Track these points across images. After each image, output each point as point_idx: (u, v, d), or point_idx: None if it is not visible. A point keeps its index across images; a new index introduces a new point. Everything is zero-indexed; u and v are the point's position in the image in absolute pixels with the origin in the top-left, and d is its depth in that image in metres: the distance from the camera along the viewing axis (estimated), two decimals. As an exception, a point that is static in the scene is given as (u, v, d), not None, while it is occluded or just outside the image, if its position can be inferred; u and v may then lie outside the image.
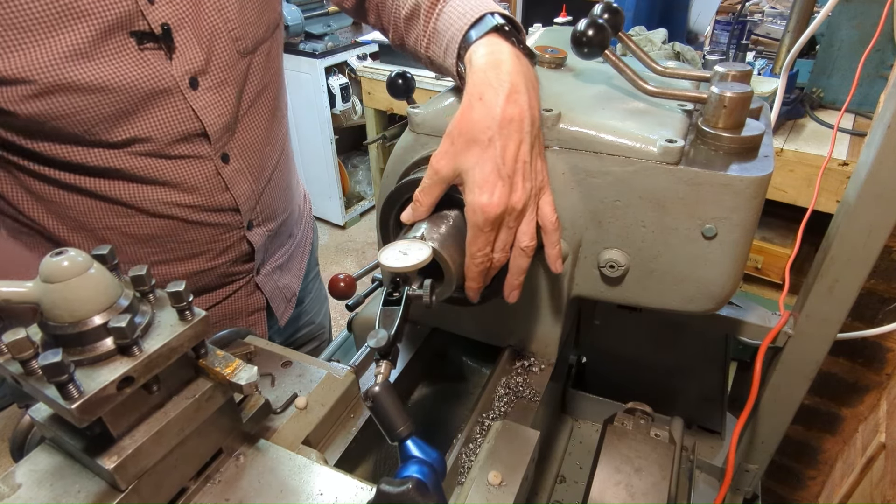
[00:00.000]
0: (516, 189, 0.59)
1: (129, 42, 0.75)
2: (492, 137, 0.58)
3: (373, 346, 0.55)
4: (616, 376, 1.13)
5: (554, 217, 0.63)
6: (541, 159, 0.63)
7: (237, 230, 0.98)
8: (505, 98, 0.59)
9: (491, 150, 0.58)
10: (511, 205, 0.59)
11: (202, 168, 0.88)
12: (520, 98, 0.60)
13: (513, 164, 0.59)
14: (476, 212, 0.59)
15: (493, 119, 0.59)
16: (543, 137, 0.66)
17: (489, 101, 0.60)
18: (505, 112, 0.59)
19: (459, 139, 0.60)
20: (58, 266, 0.44)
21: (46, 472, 0.52)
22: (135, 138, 0.80)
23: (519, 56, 0.65)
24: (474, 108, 0.60)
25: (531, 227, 0.62)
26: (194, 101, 0.83)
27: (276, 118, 1.00)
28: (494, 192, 0.58)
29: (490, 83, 0.61)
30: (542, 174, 0.63)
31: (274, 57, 0.96)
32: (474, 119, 0.59)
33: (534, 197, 0.61)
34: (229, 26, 0.84)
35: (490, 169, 0.58)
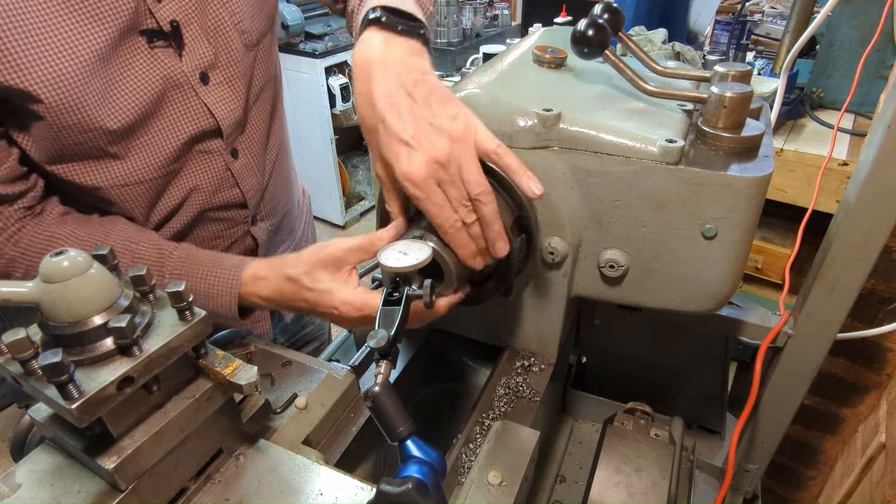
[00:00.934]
0: (427, 144, 0.59)
1: (140, 41, 0.75)
2: (381, 117, 0.61)
3: (373, 346, 0.55)
4: (616, 376, 1.13)
5: (494, 144, 0.62)
6: (450, 106, 0.62)
7: (242, 225, 0.99)
8: (374, 81, 0.62)
9: (384, 126, 0.61)
10: (430, 159, 0.59)
11: (213, 164, 0.89)
12: (383, 73, 0.62)
13: (412, 126, 0.60)
14: (405, 185, 0.60)
15: (370, 102, 0.62)
16: (540, 135, 0.66)
17: (363, 90, 0.63)
18: (378, 91, 0.62)
19: (368, 138, 0.65)
20: (58, 266, 0.44)
21: (46, 472, 0.52)
22: (150, 141, 0.80)
23: (388, 40, 0.66)
24: (359, 105, 0.65)
25: (473, 174, 0.60)
26: (206, 97, 0.83)
27: (276, 112, 1.01)
28: (404, 158, 0.59)
29: (359, 76, 0.64)
30: (461, 119, 0.61)
31: (273, 50, 0.97)
32: (362, 113, 0.64)
33: (458, 142, 0.60)
34: (235, 19, 0.84)
35: (392, 141, 0.60)
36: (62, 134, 0.73)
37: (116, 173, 0.80)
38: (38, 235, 0.76)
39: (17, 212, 0.75)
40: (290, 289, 0.71)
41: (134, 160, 0.80)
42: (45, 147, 0.74)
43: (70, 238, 0.77)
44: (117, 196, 0.82)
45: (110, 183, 0.80)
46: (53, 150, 0.75)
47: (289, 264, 0.71)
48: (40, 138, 0.73)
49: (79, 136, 0.74)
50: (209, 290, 0.75)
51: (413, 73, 0.63)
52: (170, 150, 0.82)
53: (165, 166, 0.83)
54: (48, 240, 0.76)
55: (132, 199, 0.83)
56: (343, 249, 0.68)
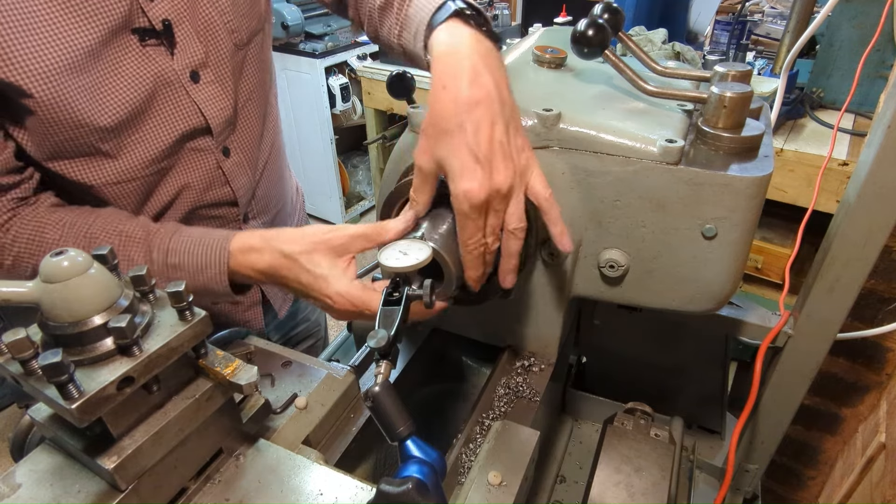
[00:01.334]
0: (497, 171, 0.58)
1: (132, 39, 0.76)
2: (461, 123, 0.58)
3: (373, 346, 0.55)
4: (616, 376, 1.13)
5: (547, 193, 0.62)
6: (520, 138, 0.62)
7: (234, 223, 0.99)
8: (468, 82, 0.59)
9: (462, 135, 0.58)
10: (494, 188, 0.58)
11: (204, 162, 0.89)
12: (482, 79, 0.60)
13: (488, 146, 0.58)
14: (460, 199, 0.58)
15: (459, 104, 0.58)
16: (540, 135, 0.66)
17: (452, 87, 0.59)
18: (470, 96, 0.58)
19: (432, 131, 0.60)
20: (58, 266, 0.44)
21: (46, 472, 0.52)
22: (142, 139, 0.80)
23: (480, 39, 0.64)
24: (439, 97, 0.60)
25: (519, 209, 0.61)
26: (196, 95, 0.83)
27: (269, 110, 1.01)
28: (475, 176, 0.58)
29: (450, 70, 0.61)
30: (525, 152, 0.62)
31: (266, 49, 0.97)
32: (441, 108, 0.59)
33: (519, 177, 0.60)
34: (224, 18, 0.84)
35: (466, 154, 0.58)
36: (53, 129, 0.73)
37: (108, 171, 0.80)
38: (28, 224, 0.76)
39: (10, 201, 0.76)
40: (285, 265, 0.68)
41: (125, 158, 0.80)
42: (38, 143, 0.75)
43: (58, 224, 0.77)
44: (109, 194, 0.82)
45: (103, 181, 0.80)
46: (47, 146, 0.75)
47: (287, 239, 0.69)
48: (34, 133, 0.74)
49: (69, 132, 0.74)
50: (198, 263, 0.73)
51: (504, 90, 0.61)
52: (161, 147, 0.82)
53: (156, 164, 0.83)
54: (38, 227, 0.76)
55: (124, 197, 0.84)
56: (347, 236, 0.66)
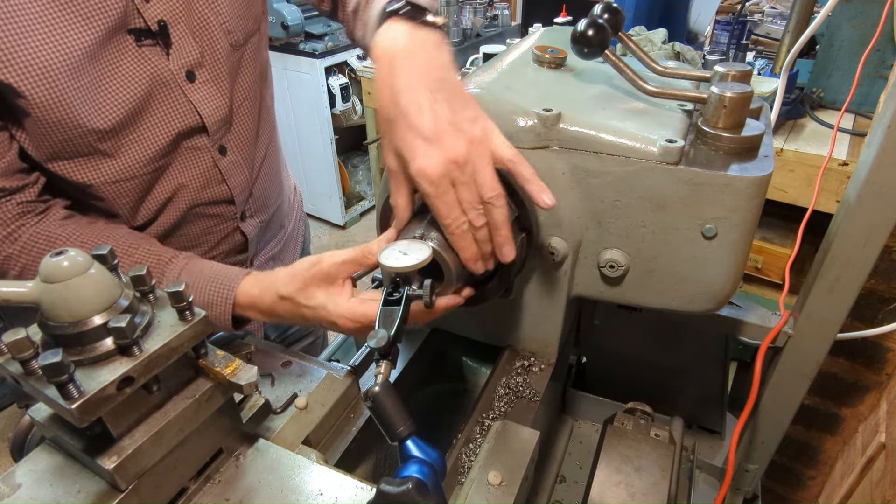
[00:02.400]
0: (448, 144, 0.59)
1: (128, 40, 0.76)
2: (401, 110, 0.60)
3: (373, 346, 0.55)
4: (616, 376, 1.13)
5: (510, 153, 0.62)
6: (469, 110, 0.62)
7: (231, 221, 1.00)
8: (400, 72, 0.61)
9: (404, 120, 0.60)
10: (449, 159, 0.59)
11: (201, 161, 0.90)
12: (414, 66, 0.62)
13: (433, 123, 0.59)
14: (418, 181, 0.59)
15: (392, 94, 0.61)
16: (540, 135, 0.66)
17: (387, 81, 0.62)
18: (402, 84, 0.61)
19: (383, 127, 0.63)
20: (58, 266, 0.44)
21: (46, 472, 0.52)
22: (139, 138, 0.81)
23: (413, 31, 0.66)
24: (380, 94, 0.63)
25: (488, 178, 0.60)
26: (192, 94, 0.84)
27: (265, 110, 1.02)
28: (425, 153, 0.59)
29: (384, 67, 0.63)
30: (479, 122, 0.62)
31: (262, 49, 0.97)
32: (382, 103, 0.63)
33: (476, 145, 0.60)
34: (221, 19, 0.85)
35: (411, 136, 0.60)
36: (51, 130, 0.73)
37: (106, 170, 0.80)
38: (37, 235, 0.76)
39: (16, 207, 0.76)
40: (286, 307, 0.71)
41: (123, 157, 0.80)
42: (38, 143, 0.75)
43: (69, 239, 0.77)
44: (108, 192, 0.82)
45: (101, 180, 0.81)
46: (45, 147, 0.75)
47: (282, 282, 0.70)
48: (32, 135, 0.74)
49: (66, 132, 0.74)
50: (206, 300, 0.75)
51: (436, 70, 0.63)
52: (158, 146, 0.83)
53: (154, 162, 0.84)
54: (47, 240, 0.76)
55: (122, 196, 0.84)
56: (335, 265, 0.68)
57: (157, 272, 0.78)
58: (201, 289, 0.76)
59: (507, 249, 0.64)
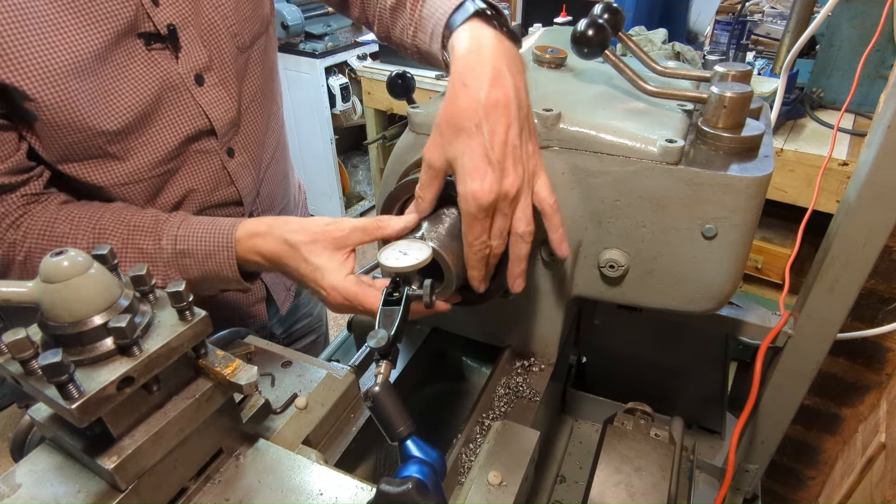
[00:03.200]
0: (507, 174, 0.58)
1: (137, 44, 0.76)
2: (479, 123, 0.57)
3: (373, 346, 0.55)
4: (616, 376, 1.13)
5: (552, 199, 0.62)
6: (532, 143, 0.62)
7: None
8: (489, 82, 0.59)
9: (479, 136, 0.57)
10: (504, 190, 0.58)
11: (210, 163, 0.90)
12: (504, 81, 0.59)
13: (502, 148, 0.58)
14: (468, 200, 0.58)
15: (478, 104, 0.58)
16: (540, 135, 0.66)
17: (473, 86, 0.59)
18: (490, 96, 0.58)
19: (447, 128, 0.59)
20: (58, 266, 0.44)
21: (46, 472, 0.52)
22: (148, 141, 0.81)
23: (502, 39, 0.64)
24: (459, 95, 0.59)
25: (527, 213, 0.61)
26: (200, 98, 0.84)
27: (273, 111, 1.02)
28: (486, 178, 0.57)
29: (472, 69, 0.60)
30: (535, 157, 0.62)
31: (269, 51, 0.98)
32: (459, 106, 0.59)
33: (528, 181, 0.60)
34: (227, 23, 0.85)
35: (479, 155, 0.57)
36: (60, 133, 0.73)
37: (116, 172, 0.81)
38: (38, 219, 0.77)
39: (20, 198, 0.76)
40: (288, 253, 0.69)
41: (133, 160, 0.81)
42: (47, 146, 0.75)
43: (67, 218, 0.77)
44: (118, 195, 0.83)
45: (111, 182, 0.81)
46: (55, 149, 0.76)
47: (291, 228, 0.69)
48: (42, 137, 0.74)
49: (75, 135, 0.74)
50: (207, 248, 0.74)
51: (522, 94, 0.61)
52: (167, 149, 0.83)
53: (163, 165, 0.84)
54: (48, 222, 0.77)
55: (132, 198, 0.84)
56: (347, 228, 0.67)
57: (156, 231, 0.77)
58: (202, 237, 0.75)
59: (520, 282, 0.65)
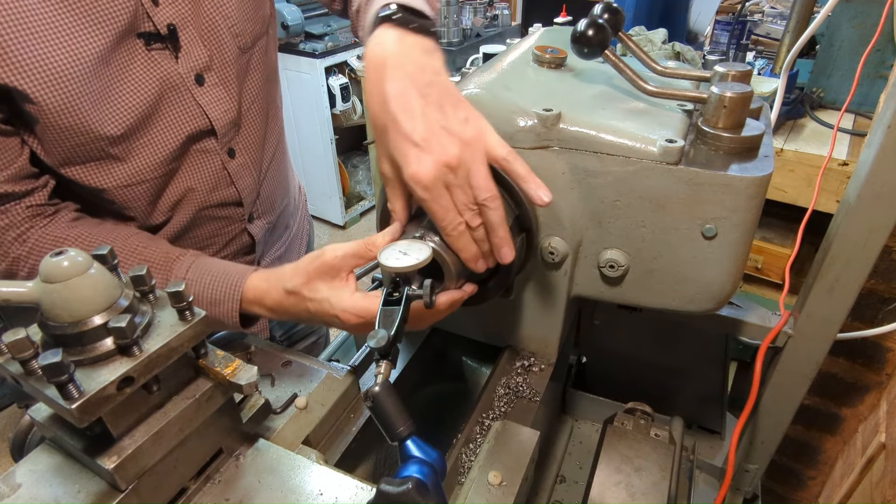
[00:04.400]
0: (439, 146, 0.59)
1: (137, 44, 0.76)
2: (392, 117, 0.60)
3: (373, 346, 0.55)
4: (616, 376, 1.13)
5: (504, 151, 0.62)
6: (461, 111, 0.62)
7: (239, 223, 1.00)
8: (388, 79, 0.61)
9: (396, 126, 0.60)
10: (440, 162, 0.58)
11: (210, 163, 0.90)
12: (401, 72, 0.62)
13: (424, 127, 0.59)
14: (412, 186, 0.60)
15: (382, 101, 0.61)
16: (540, 135, 0.66)
17: (375, 90, 0.62)
18: (390, 91, 0.61)
19: (376, 135, 0.63)
20: (58, 266, 0.44)
21: (46, 472, 0.52)
22: (149, 142, 0.81)
23: (403, 37, 0.65)
24: (370, 102, 0.63)
25: (483, 180, 0.60)
26: (201, 98, 0.84)
27: (273, 111, 1.02)
28: (417, 159, 0.59)
29: (373, 74, 0.63)
30: (472, 122, 0.61)
31: (270, 51, 0.98)
32: (373, 112, 0.63)
33: (468, 147, 0.60)
34: (229, 23, 0.85)
35: (403, 141, 0.60)
36: (62, 136, 0.73)
37: (118, 174, 0.81)
38: (45, 237, 0.76)
39: (25, 210, 0.76)
40: (291, 301, 0.71)
41: (134, 161, 0.81)
42: (49, 149, 0.75)
43: (77, 240, 0.77)
44: (120, 196, 0.83)
45: (112, 184, 0.81)
46: (57, 153, 0.75)
47: (287, 277, 0.71)
48: (44, 140, 0.74)
49: (77, 137, 0.74)
50: (214, 297, 0.75)
51: (426, 74, 0.62)
52: (168, 150, 0.83)
53: (164, 166, 0.84)
54: (55, 241, 0.76)
55: (134, 199, 0.84)
56: (338, 257, 0.68)
57: (165, 270, 0.78)
58: (209, 285, 0.76)
59: (505, 251, 0.64)
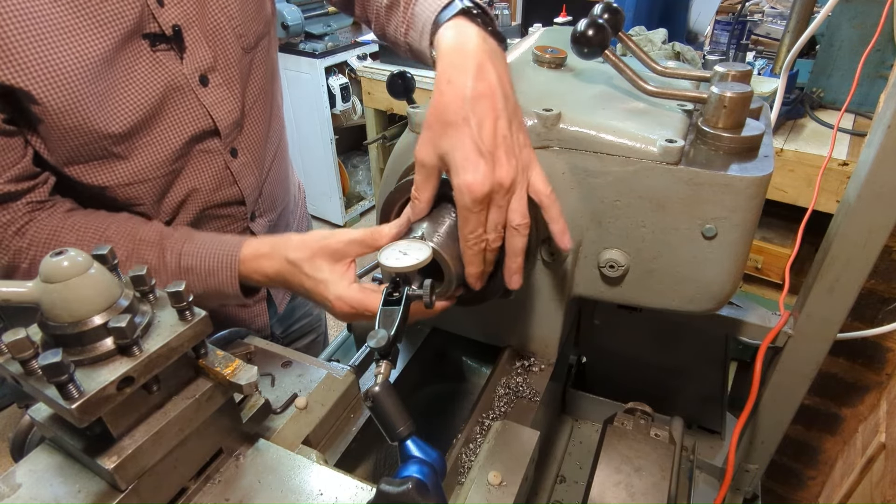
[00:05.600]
0: (500, 164, 0.58)
1: (142, 45, 0.77)
2: (466, 116, 0.58)
3: (373, 346, 0.55)
4: (616, 376, 1.13)
5: (548, 190, 0.62)
6: (522, 134, 0.62)
7: (241, 221, 1.00)
8: (473, 77, 0.59)
9: (467, 128, 0.58)
10: (497, 181, 0.58)
11: (213, 163, 0.90)
12: (488, 75, 0.60)
13: (492, 139, 0.58)
14: (462, 192, 0.58)
15: (464, 98, 0.59)
16: (540, 135, 0.66)
17: (457, 81, 0.60)
18: (475, 89, 0.59)
19: (436, 125, 0.60)
20: (58, 266, 0.44)
21: (46, 472, 0.52)
22: (153, 142, 0.81)
23: (485, 37, 0.65)
24: (444, 91, 0.60)
25: (522, 205, 0.61)
26: (205, 98, 0.84)
27: (275, 110, 1.02)
28: (478, 168, 0.58)
29: (456, 65, 0.61)
30: (527, 149, 0.62)
31: (272, 51, 0.98)
32: (446, 102, 0.60)
33: (521, 172, 0.60)
34: (233, 23, 0.85)
35: (469, 147, 0.58)
36: (66, 136, 0.73)
37: (121, 173, 0.81)
38: (44, 228, 0.77)
39: (25, 205, 0.76)
40: (290, 271, 0.70)
41: (137, 160, 0.81)
42: (53, 149, 0.75)
43: (73, 228, 0.77)
44: (123, 195, 0.83)
45: (116, 182, 0.81)
46: (61, 152, 0.76)
47: (292, 246, 0.70)
48: (48, 140, 0.74)
49: (81, 137, 0.74)
50: (210, 266, 0.75)
51: (507, 87, 0.62)
52: (171, 150, 0.83)
53: (167, 166, 0.84)
54: (53, 231, 0.77)
55: (137, 198, 0.85)
56: (344, 241, 0.67)
57: (160, 245, 0.78)
58: (205, 255, 0.76)
59: (517, 279, 0.64)
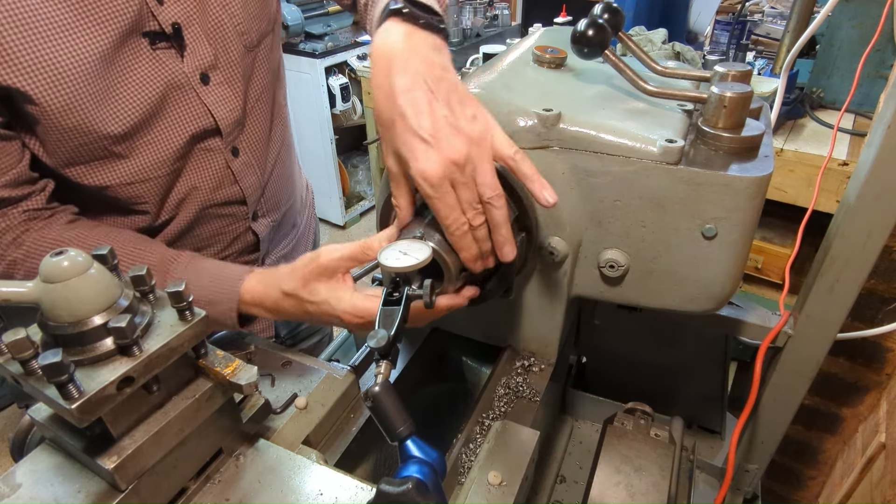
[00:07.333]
0: (447, 144, 0.58)
1: (142, 43, 0.76)
2: (400, 112, 0.59)
3: (373, 346, 0.55)
4: (616, 376, 1.13)
5: (512, 150, 0.61)
6: (469, 108, 0.61)
7: (243, 221, 1.00)
8: (395, 74, 0.60)
9: (403, 121, 0.59)
10: (449, 160, 0.58)
11: (214, 162, 0.90)
12: (409, 66, 0.61)
13: (431, 123, 0.58)
14: (419, 181, 0.59)
15: (390, 96, 0.60)
16: (540, 135, 0.66)
17: (384, 84, 0.61)
18: (399, 85, 0.60)
19: (381, 130, 0.62)
20: (58, 266, 0.44)
21: (46, 472, 0.52)
22: (153, 141, 0.81)
23: (411, 32, 0.65)
24: (377, 97, 0.62)
25: (488, 178, 0.60)
26: (206, 97, 0.84)
27: (278, 110, 1.02)
28: (426, 155, 0.58)
29: (380, 68, 0.62)
30: (479, 120, 0.61)
31: (275, 50, 0.98)
32: (380, 106, 0.62)
33: (477, 145, 0.60)
34: (235, 21, 0.85)
35: (411, 138, 0.59)
36: (65, 136, 0.73)
37: (122, 172, 0.81)
38: (42, 239, 0.76)
39: (22, 214, 0.75)
40: (290, 303, 0.71)
41: (137, 159, 0.81)
42: (51, 150, 0.75)
43: (72, 243, 0.77)
44: (123, 194, 0.83)
45: (116, 181, 0.81)
46: (60, 153, 0.75)
47: (283, 279, 0.71)
48: (46, 142, 0.74)
49: (81, 137, 0.74)
50: (210, 298, 0.75)
51: (435, 70, 0.62)
52: (172, 149, 0.83)
53: (168, 165, 0.84)
54: (51, 244, 0.76)
55: (137, 198, 0.84)
56: (334, 259, 0.68)
57: (162, 271, 0.78)
58: (206, 286, 0.76)
59: (507, 249, 0.63)
